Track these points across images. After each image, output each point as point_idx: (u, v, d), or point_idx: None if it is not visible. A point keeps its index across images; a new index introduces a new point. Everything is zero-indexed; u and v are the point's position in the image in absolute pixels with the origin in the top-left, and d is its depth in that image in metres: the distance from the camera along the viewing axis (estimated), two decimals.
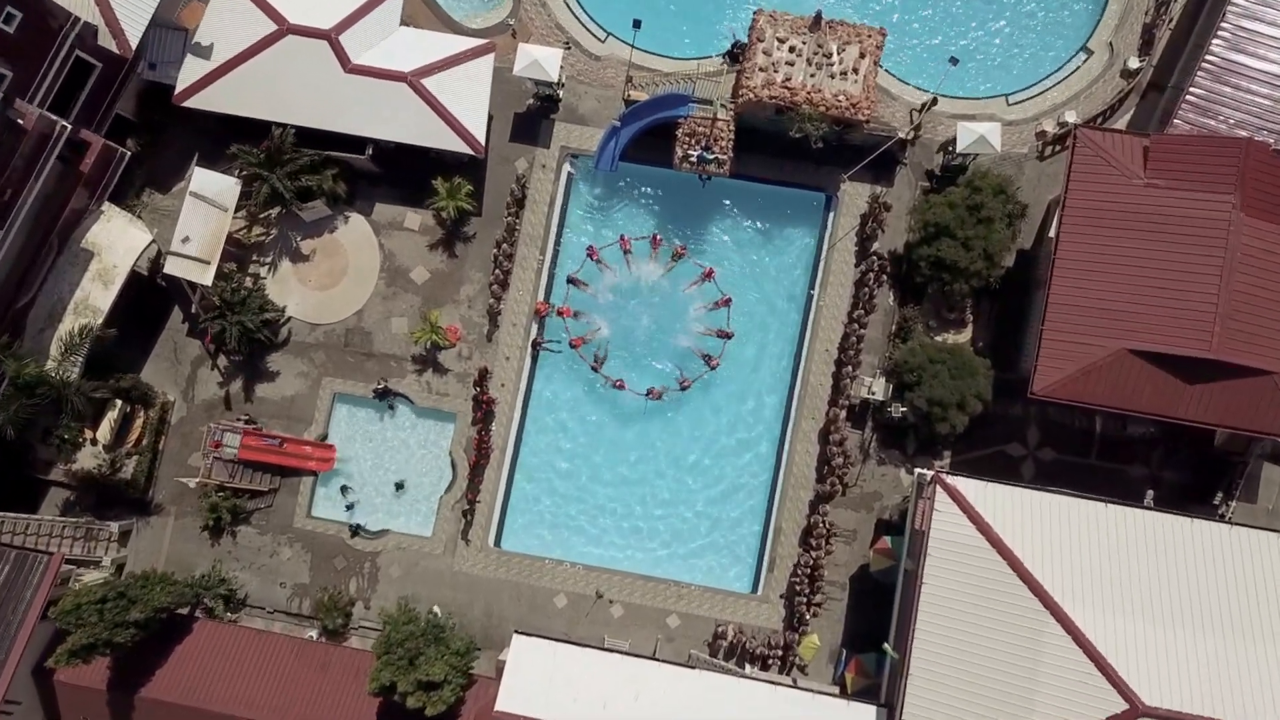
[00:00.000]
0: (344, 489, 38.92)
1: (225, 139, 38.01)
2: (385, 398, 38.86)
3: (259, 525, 38.91)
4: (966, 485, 31.83)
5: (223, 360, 39.33)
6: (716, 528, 38.85)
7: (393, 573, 38.50)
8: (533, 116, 39.35)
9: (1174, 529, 31.21)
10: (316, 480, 39.09)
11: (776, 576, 37.86)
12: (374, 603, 38.38)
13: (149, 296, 39.10)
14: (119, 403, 37.59)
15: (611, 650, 34.85)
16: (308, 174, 37.34)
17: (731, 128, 36.38)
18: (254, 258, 39.56)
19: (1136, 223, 32.37)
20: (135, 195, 39.15)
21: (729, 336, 38.22)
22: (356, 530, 38.31)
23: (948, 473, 32.42)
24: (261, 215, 39.27)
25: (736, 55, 37.79)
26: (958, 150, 36.10)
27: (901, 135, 37.05)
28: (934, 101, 37.06)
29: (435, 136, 36.70)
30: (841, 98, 35.30)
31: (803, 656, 36.07)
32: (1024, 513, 31.30)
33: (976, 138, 35.76)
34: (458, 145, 36.77)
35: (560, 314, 38.42)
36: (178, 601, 35.50)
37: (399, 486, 39.06)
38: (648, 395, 38.01)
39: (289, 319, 39.24)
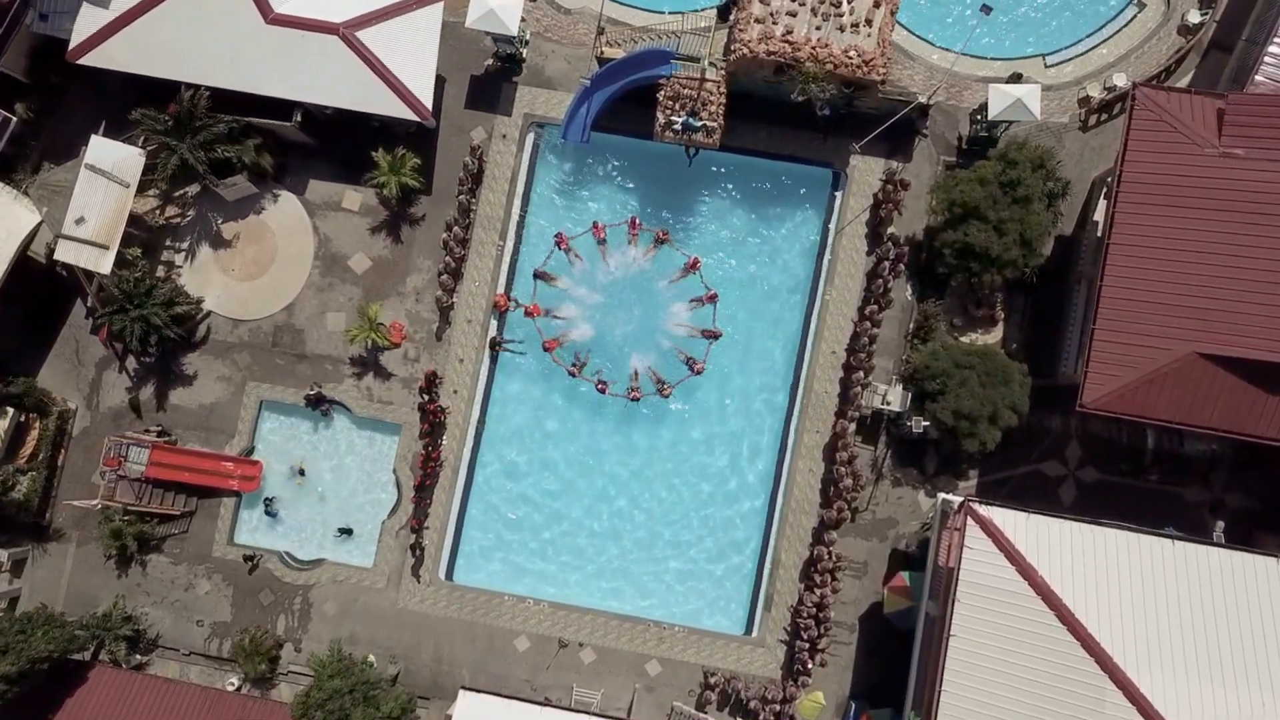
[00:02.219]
0: (269, 502, 33.56)
1: (138, 105, 32.37)
2: (319, 406, 33.44)
3: (172, 554, 33.57)
4: (1004, 516, 26.38)
5: (132, 362, 33.92)
6: (705, 559, 33.46)
7: (328, 610, 33.12)
8: (491, 79, 33.87)
9: (1256, 571, 25.73)
10: (240, 502, 33.75)
11: (774, 617, 32.48)
12: (306, 645, 33.07)
13: (46, 288, 33.74)
14: (10, 410, 32.31)
15: (578, 710, 29.48)
16: (225, 144, 31.88)
17: (722, 90, 30.89)
18: (167, 242, 34.15)
19: (1209, 199, 26.91)
20: (32, 170, 33.60)
21: (716, 336, 32.75)
22: (253, 562, 32.98)
23: (980, 501, 26.91)
24: (177, 194, 33.89)
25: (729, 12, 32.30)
26: (989, 117, 30.61)
27: (922, 100, 31.52)
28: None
29: (373, 100, 31.24)
30: (852, 54, 29.83)
31: (804, 717, 30.59)
32: (1074, 551, 25.86)
33: (1012, 102, 30.25)
34: (400, 110, 31.33)
35: (530, 314, 32.94)
36: (66, 648, 30.08)
37: (345, 533, 33.62)
38: (629, 395, 32.61)
39: (208, 314, 33.87)
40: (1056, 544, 25.86)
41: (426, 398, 32.42)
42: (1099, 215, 31.91)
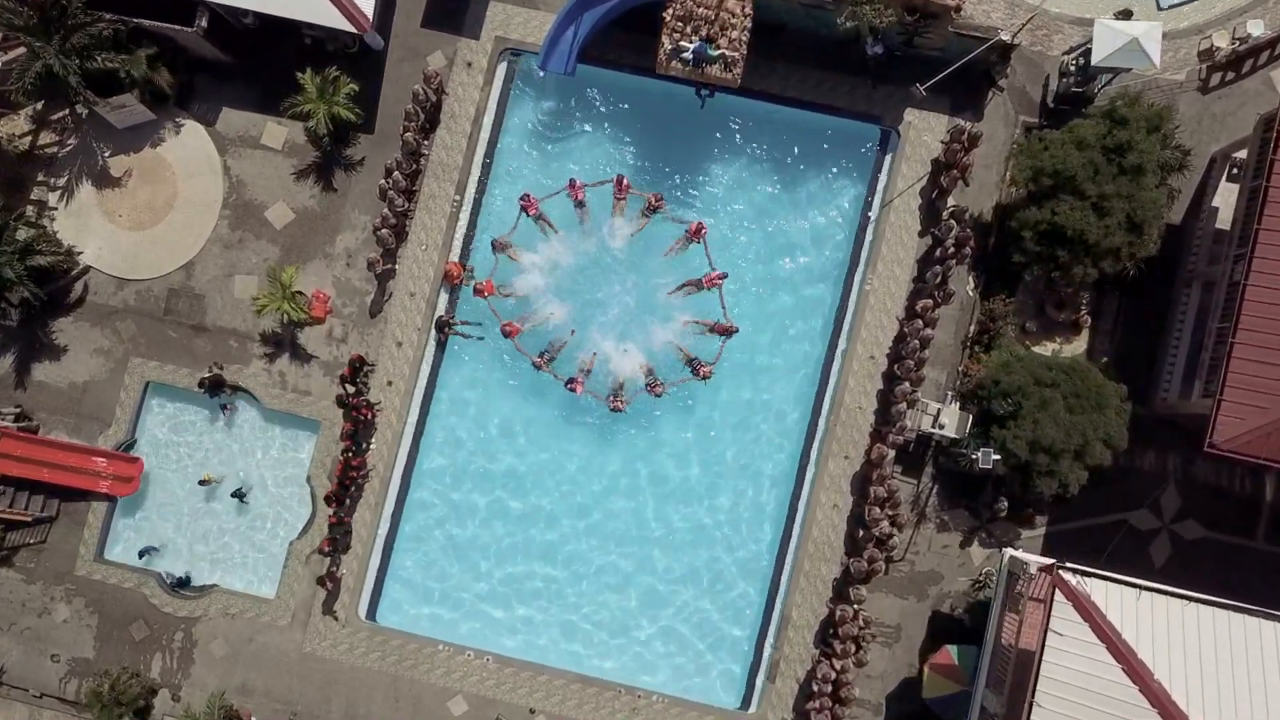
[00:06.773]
0: (145, 551, 26.94)
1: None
2: (218, 393, 26.53)
3: (24, 570, 26.80)
4: (1105, 593, 19.39)
5: None
6: (694, 612, 26.61)
7: (215, 650, 26.32)
8: None
9: None
10: (114, 508, 26.89)
11: (779, 689, 25.68)
12: (186, 693, 26.36)
13: None
14: None
15: None
16: (110, 52, 24.93)
17: (748, 11, 23.97)
18: (38, 177, 27.29)
19: None
20: None
21: (730, 332, 25.76)
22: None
23: (1073, 569, 19.93)
24: (54, 117, 27.04)
25: None
26: (1094, 62, 23.72)
27: (1004, 37, 24.54)
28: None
29: (297, 3, 24.31)
30: None
31: None
32: (1202, 645, 18.92)
33: (1124, 43, 23.40)
34: (333, 19, 24.51)
35: (480, 292, 26.00)
36: None
37: (239, 496, 26.81)
38: (610, 404, 25.75)
39: (85, 270, 27.07)
40: (1179, 634, 18.94)
41: (350, 389, 25.54)
42: (1219, 199, 25.27)
